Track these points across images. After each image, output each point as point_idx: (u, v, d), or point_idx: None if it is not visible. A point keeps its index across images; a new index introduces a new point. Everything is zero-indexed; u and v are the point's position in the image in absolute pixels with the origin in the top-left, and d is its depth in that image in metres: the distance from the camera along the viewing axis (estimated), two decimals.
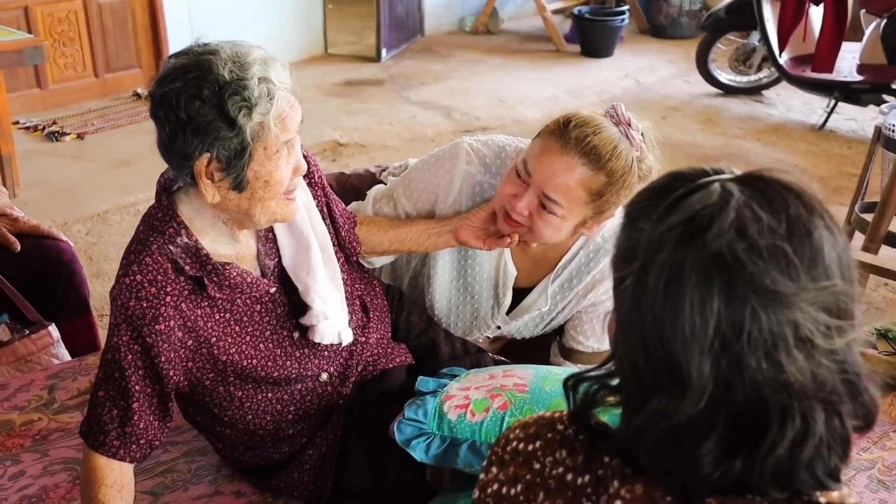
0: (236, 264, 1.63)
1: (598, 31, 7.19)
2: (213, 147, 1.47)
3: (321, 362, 1.77)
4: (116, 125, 5.30)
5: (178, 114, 1.45)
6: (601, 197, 1.78)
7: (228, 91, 1.45)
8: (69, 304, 2.48)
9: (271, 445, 1.79)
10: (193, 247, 1.58)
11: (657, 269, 0.79)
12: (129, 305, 1.54)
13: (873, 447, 1.82)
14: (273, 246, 1.72)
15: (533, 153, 1.79)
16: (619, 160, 1.75)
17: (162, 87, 1.47)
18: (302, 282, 1.72)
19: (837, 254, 0.80)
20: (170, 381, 1.60)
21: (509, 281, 2.02)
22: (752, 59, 6.07)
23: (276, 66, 1.52)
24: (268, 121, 1.49)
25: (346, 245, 1.88)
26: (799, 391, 0.77)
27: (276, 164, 1.54)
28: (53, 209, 4.18)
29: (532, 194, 1.78)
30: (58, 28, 5.42)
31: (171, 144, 1.49)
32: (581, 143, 1.73)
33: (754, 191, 0.80)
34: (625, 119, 1.77)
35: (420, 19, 7.60)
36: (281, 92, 1.51)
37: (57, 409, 2.05)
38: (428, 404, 1.66)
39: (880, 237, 3.11)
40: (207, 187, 1.52)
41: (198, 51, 1.49)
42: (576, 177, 1.75)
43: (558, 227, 1.81)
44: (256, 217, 1.58)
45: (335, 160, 5.00)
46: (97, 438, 1.60)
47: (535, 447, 0.95)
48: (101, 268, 3.76)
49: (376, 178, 2.24)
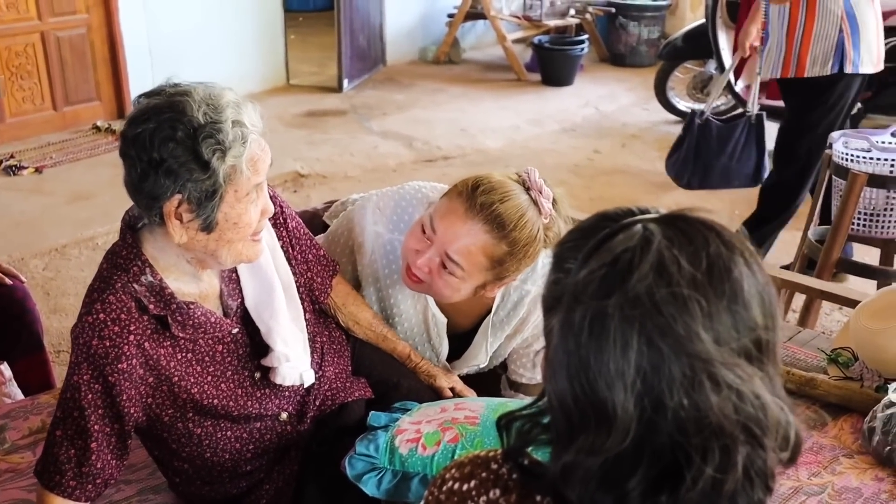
0: (200, 304, 1.63)
1: (558, 60, 7.28)
2: (184, 189, 1.47)
3: (281, 402, 1.77)
4: (76, 158, 5.27)
5: (150, 154, 1.44)
6: (502, 265, 1.78)
7: (203, 134, 1.45)
8: (22, 342, 2.45)
9: (229, 481, 1.78)
10: (158, 285, 1.57)
11: (582, 311, 0.81)
12: (91, 344, 1.53)
13: (823, 472, 1.84)
14: (236, 287, 1.72)
15: (440, 212, 1.79)
16: (524, 230, 1.75)
17: (134, 126, 1.46)
18: (264, 323, 1.71)
19: (757, 290, 0.82)
20: (130, 419, 1.59)
21: (441, 329, 2.01)
22: (710, 87, 6.16)
23: (248, 108, 1.53)
24: (240, 164, 1.49)
25: (316, 289, 1.88)
26: (718, 428, 0.78)
27: (245, 206, 1.55)
28: (10, 244, 4.14)
29: (434, 252, 1.78)
30: (15, 61, 5.39)
31: (141, 185, 1.48)
32: (486, 209, 1.73)
33: (676, 231, 0.82)
34: (536, 186, 1.77)
35: (382, 49, 7.65)
36: (253, 136, 1.51)
37: (7, 449, 2.01)
38: (379, 439, 1.66)
39: (831, 263, 3.16)
40: (176, 228, 1.51)
41: (170, 91, 1.49)
42: (478, 242, 1.75)
43: (457, 287, 1.81)
44: (223, 258, 1.59)
45: (296, 191, 5.00)
46: (53, 478, 1.58)
47: (470, 487, 0.96)
48: (58, 303, 3.73)
49: (318, 216, 2.24)
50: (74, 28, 5.63)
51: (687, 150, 4.12)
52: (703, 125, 4.08)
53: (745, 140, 4.07)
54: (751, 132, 4.08)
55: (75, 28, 5.63)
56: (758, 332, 0.81)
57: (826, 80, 3.62)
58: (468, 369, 2.07)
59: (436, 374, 2.00)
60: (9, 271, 2.48)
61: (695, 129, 4.09)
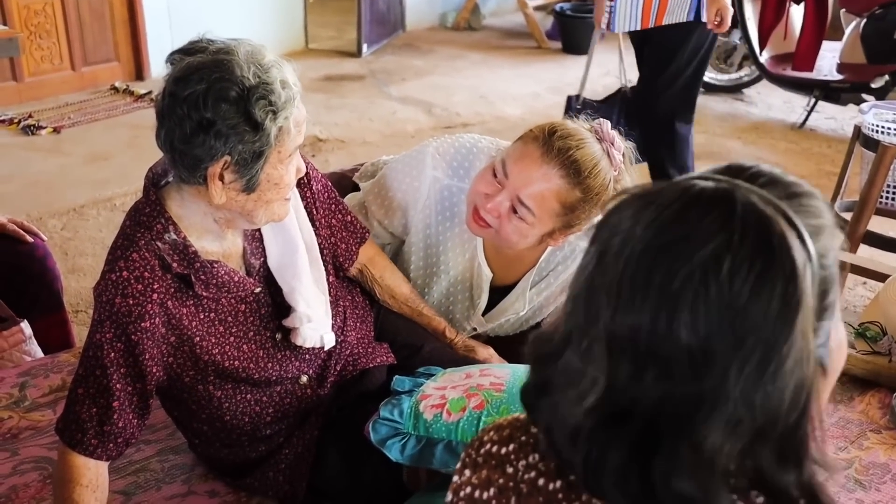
0: (223, 262, 1.61)
1: (579, 28, 7.17)
2: (234, 150, 1.45)
3: (301, 364, 1.75)
4: (94, 119, 5.25)
5: (203, 114, 1.41)
6: (573, 211, 1.77)
7: (256, 95, 1.43)
8: (42, 301, 2.45)
9: (248, 444, 1.77)
10: (182, 244, 1.55)
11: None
12: (114, 302, 1.51)
13: (850, 447, 1.82)
14: (259, 245, 1.70)
15: (513, 156, 1.77)
16: (598, 178, 1.74)
17: (184, 85, 1.42)
18: (287, 283, 1.69)
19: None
20: (152, 379, 1.58)
21: (484, 283, 2.00)
22: (733, 58, 6.08)
23: (289, 68, 1.51)
24: (288, 125, 1.49)
25: (340, 255, 1.86)
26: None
27: (287, 167, 1.54)
28: (29, 203, 4.13)
29: (505, 197, 1.77)
30: (34, 20, 5.36)
31: (188, 145, 1.44)
32: (563, 154, 1.72)
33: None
34: (609, 137, 1.77)
35: (401, 14, 7.57)
36: (298, 96, 1.50)
37: (28, 406, 2.01)
38: (403, 404, 1.64)
39: (858, 236, 3.11)
40: (217, 189, 1.49)
41: (213, 49, 1.46)
42: (552, 187, 1.73)
43: (525, 233, 1.80)
44: (258, 217, 1.57)
45: (315, 156, 4.96)
46: (74, 436, 1.57)
47: (509, 450, 0.93)
48: (76, 263, 3.72)
49: (346, 177, 2.22)
50: None
51: None
52: (581, 109, 3.97)
53: (627, 117, 3.99)
54: (630, 109, 4.00)
55: None
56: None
57: (683, 28, 3.61)
58: (503, 319, 2.05)
59: (473, 347, 1.98)
60: (30, 229, 2.46)
61: (574, 113, 4.03)
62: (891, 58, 5.06)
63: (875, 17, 5.08)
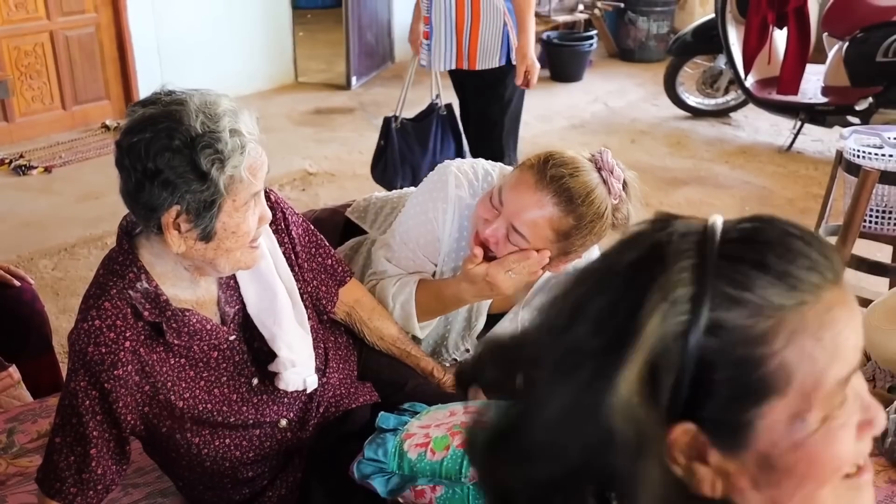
0: (196, 311, 1.61)
1: (567, 56, 7.25)
2: (182, 199, 1.45)
3: (280, 408, 1.75)
4: (84, 158, 5.28)
5: (146, 164, 1.42)
6: (567, 239, 1.79)
7: (201, 143, 1.43)
8: (31, 344, 2.45)
9: (231, 487, 1.77)
10: (153, 292, 1.56)
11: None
12: (87, 351, 1.52)
13: None
14: (234, 293, 1.70)
15: (509, 183, 1.80)
16: (592, 206, 1.76)
17: (130, 136, 1.44)
18: (268, 329, 1.70)
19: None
20: (127, 426, 1.58)
21: (483, 307, 2.03)
22: (719, 82, 6.14)
23: (245, 115, 1.51)
24: (239, 173, 1.48)
25: (322, 297, 1.87)
26: None
27: (243, 215, 1.53)
28: (20, 244, 4.14)
29: (501, 223, 1.80)
30: (24, 61, 5.40)
31: (137, 195, 1.46)
32: (556, 182, 1.74)
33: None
34: (608, 166, 1.79)
35: (390, 46, 7.62)
36: (251, 144, 1.50)
37: (16, 452, 2.01)
38: (388, 443, 1.65)
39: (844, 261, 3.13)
40: (174, 238, 1.50)
41: (166, 100, 1.47)
42: (545, 214, 1.75)
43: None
44: (221, 266, 1.58)
45: (304, 189, 4.98)
46: (53, 486, 1.57)
47: None
48: (67, 304, 3.72)
49: (338, 213, 2.24)
50: (83, 27, 5.63)
51: (391, 157, 4.07)
52: (400, 129, 4.06)
53: (442, 132, 4.07)
54: (445, 124, 4.08)
55: (84, 27, 5.63)
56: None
57: (497, 71, 3.70)
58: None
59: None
60: (16, 273, 2.47)
61: (393, 134, 4.06)
62: (873, 80, 5.11)
63: (857, 41, 5.13)
